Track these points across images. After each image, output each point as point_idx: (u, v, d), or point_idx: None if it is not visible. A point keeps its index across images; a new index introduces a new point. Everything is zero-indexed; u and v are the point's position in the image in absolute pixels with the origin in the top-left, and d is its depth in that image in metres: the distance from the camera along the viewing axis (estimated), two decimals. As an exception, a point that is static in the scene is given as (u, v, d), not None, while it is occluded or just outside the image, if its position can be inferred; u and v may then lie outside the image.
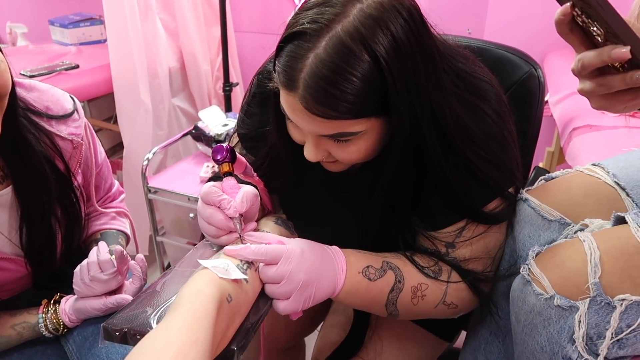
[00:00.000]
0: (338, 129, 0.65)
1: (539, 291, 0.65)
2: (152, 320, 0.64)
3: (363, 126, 0.65)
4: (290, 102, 0.65)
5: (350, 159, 0.71)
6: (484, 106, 0.73)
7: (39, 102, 0.87)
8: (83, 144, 0.92)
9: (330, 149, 0.70)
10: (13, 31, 2.65)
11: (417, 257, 0.78)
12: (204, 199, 0.71)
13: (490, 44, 0.99)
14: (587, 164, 0.83)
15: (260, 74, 0.86)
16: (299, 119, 0.66)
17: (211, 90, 2.26)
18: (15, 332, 0.86)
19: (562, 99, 1.40)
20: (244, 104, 0.90)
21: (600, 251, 0.61)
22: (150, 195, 1.74)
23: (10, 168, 0.82)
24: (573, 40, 0.56)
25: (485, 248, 0.78)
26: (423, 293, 0.76)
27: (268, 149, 0.85)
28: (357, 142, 0.68)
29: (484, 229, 0.76)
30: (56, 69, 1.92)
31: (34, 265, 0.87)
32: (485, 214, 0.76)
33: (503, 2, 1.88)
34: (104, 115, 2.44)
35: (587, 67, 0.55)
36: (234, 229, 0.72)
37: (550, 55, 1.77)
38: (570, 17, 0.54)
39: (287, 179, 0.86)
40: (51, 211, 0.86)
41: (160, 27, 2.05)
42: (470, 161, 0.72)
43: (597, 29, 0.52)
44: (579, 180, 0.78)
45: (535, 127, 0.98)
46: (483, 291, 0.80)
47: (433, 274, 0.76)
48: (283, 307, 0.68)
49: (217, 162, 0.75)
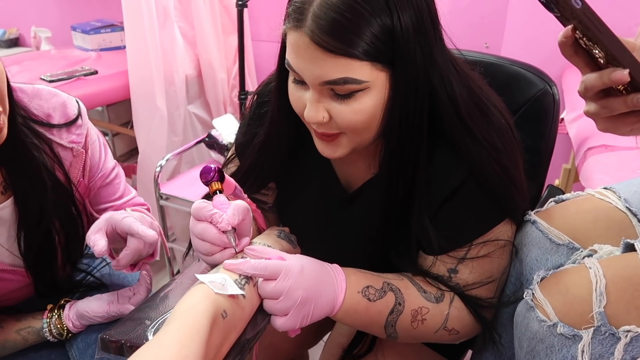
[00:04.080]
0: (343, 72, 0.63)
1: (542, 318, 0.63)
2: (149, 332, 0.64)
3: (368, 74, 0.64)
4: (296, 41, 0.64)
5: (352, 121, 0.68)
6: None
7: (39, 110, 0.85)
8: (84, 152, 0.90)
9: (331, 109, 0.68)
10: (37, 35, 2.71)
11: (419, 280, 0.77)
12: (195, 215, 0.70)
13: (504, 60, 0.98)
14: (599, 186, 0.82)
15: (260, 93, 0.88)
16: (303, 60, 0.65)
17: (227, 98, 2.28)
18: (20, 336, 0.87)
19: (578, 117, 1.38)
20: (246, 116, 0.91)
21: (607, 279, 0.60)
22: (162, 201, 1.76)
23: (11, 178, 0.82)
24: (578, 62, 0.56)
25: (489, 272, 0.76)
26: (423, 317, 0.74)
27: (263, 138, 0.84)
28: (360, 99, 0.66)
29: (486, 251, 0.75)
30: (75, 75, 1.95)
31: (34, 275, 0.87)
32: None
33: (522, 17, 1.87)
34: (122, 120, 2.48)
35: (590, 89, 0.55)
36: (228, 243, 0.70)
37: (568, 72, 1.74)
38: (573, 39, 0.55)
39: (280, 176, 0.86)
40: (49, 221, 0.85)
41: (178, 35, 2.08)
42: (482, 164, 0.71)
43: (599, 52, 0.53)
44: (590, 204, 0.76)
45: (549, 145, 0.97)
46: (485, 318, 0.78)
47: (435, 299, 0.75)
48: (281, 324, 0.67)
49: (206, 182, 0.74)
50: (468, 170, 0.72)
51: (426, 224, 0.74)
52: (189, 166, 2.20)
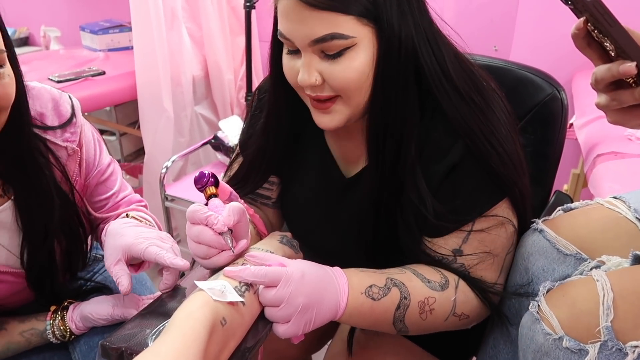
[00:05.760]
0: (329, 28, 0.67)
1: (548, 330, 0.62)
2: (149, 339, 0.63)
3: (354, 29, 0.67)
4: (284, 6, 0.69)
5: (344, 80, 0.70)
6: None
7: (32, 110, 0.81)
8: (79, 150, 0.88)
9: (323, 71, 0.71)
10: (47, 35, 2.73)
11: (422, 269, 0.76)
12: (190, 219, 0.70)
13: (512, 64, 0.97)
14: (608, 195, 0.80)
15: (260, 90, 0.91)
16: (292, 22, 0.68)
17: (233, 99, 2.28)
18: (24, 338, 0.87)
19: (587, 122, 1.35)
20: (248, 113, 0.94)
21: (614, 293, 0.58)
22: (167, 203, 1.76)
23: (11, 183, 0.81)
24: (591, 54, 0.57)
25: (490, 247, 0.76)
26: (431, 307, 0.74)
27: (264, 120, 0.86)
28: (349, 56, 0.69)
29: (486, 226, 0.75)
30: (83, 75, 1.96)
31: (35, 288, 0.87)
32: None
33: (532, 20, 1.85)
34: (130, 119, 2.49)
35: (600, 81, 0.56)
36: (225, 245, 0.70)
37: (579, 75, 1.72)
38: (585, 31, 0.55)
39: (282, 168, 0.88)
40: (54, 238, 0.83)
41: (186, 36, 2.08)
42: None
43: (609, 45, 0.54)
44: (599, 214, 0.75)
45: (557, 150, 0.96)
46: (492, 301, 0.78)
47: (440, 287, 0.74)
48: (283, 331, 0.66)
49: (200, 188, 0.74)
50: (465, 145, 0.73)
51: (427, 202, 0.74)
52: (195, 167, 2.20)
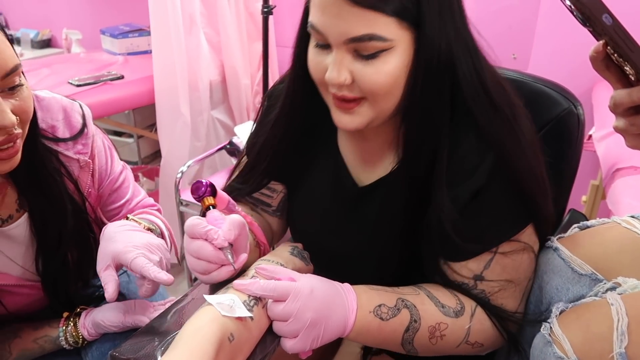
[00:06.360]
0: (369, 27, 0.63)
1: (560, 354, 0.61)
2: (157, 352, 0.64)
3: (394, 32, 0.64)
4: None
5: (375, 84, 0.67)
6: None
7: (43, 122, 0.81)
8: (91, 162, 0.87)
9: (354, 71, 0.67)
10: (68, 37, 2.77)
11: (437, 292, 0.75)
12: (189, 233, 0.68)
13: (528, 76, 0.95)
14: (627, 212, 0.78)
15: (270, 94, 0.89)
16: (328, 16, 0.64)
17: (250, 104, 2.29)
18: (38, 345, 0.88)
19: (607, 135, 1.33)
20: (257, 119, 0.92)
21: (629, 318, 0.57)
22: (182, 207, 1.77)
23: (26, 195, 0.81)
24: (609, 77, 0.56)
25: (512, 275, 0.73)
26: (442, 333, 0.72)
27: (278, 112, 0.83)
28: (384, 59, 0.65)
29: (509, 250, 0.72)
30: (101, 79, 1.99)
31: (50, 295, 0.88)
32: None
33: (552, 28, 1.82)
34: (148, 122, 2.52)
35: (619, 105, 0.55)
36: (225, 260, 0.68)
37: (599, 86, 1.69)
38: (604, 54, 0.54)
39: (288, 174, 0.86)
40: (67, 246, 0.83)
41: (203, 41, 2.10)
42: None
43: (629, 69, 0.52)
44: (615, 233, 0.73)
45: (573, 167, 0.93)
46: (510, 330, 0.75)
47: (454, 313, 0.72)
48: (290, 346, 0.66)
49: (198, 198, 0.72)
50: (492, 164, 0.70)
51: (452, 222, 0.71)
52: (211, 172, 2.21)
